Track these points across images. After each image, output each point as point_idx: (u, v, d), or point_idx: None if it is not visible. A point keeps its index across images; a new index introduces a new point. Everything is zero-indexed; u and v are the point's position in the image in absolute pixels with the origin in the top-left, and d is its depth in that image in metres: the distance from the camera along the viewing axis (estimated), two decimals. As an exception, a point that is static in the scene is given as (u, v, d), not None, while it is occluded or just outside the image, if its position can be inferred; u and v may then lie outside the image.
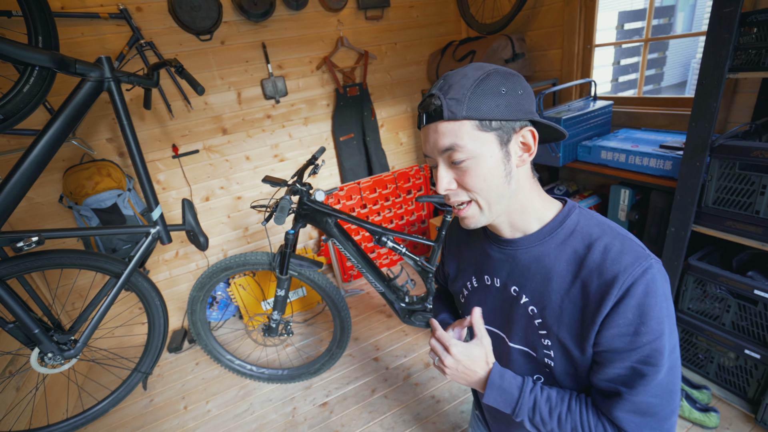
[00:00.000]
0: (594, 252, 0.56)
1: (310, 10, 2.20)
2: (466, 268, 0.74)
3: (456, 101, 0.54)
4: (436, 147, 0.57)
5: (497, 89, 0.55)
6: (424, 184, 2.74)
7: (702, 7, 16.62)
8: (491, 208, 0.59)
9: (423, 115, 0.58)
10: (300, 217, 1.61)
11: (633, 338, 0.53)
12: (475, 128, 0.54)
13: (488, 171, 0.56)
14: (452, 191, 0.59)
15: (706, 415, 1.40)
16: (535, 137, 0.58)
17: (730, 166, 1.23)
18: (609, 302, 0.53)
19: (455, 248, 0.79)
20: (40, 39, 1.26)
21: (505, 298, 0.66)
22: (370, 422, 1.64)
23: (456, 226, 0.81)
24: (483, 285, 0.70)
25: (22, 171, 1.12)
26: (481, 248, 0.71)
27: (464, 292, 0.75)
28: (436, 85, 0.57)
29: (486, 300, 0.70)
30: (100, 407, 1.63)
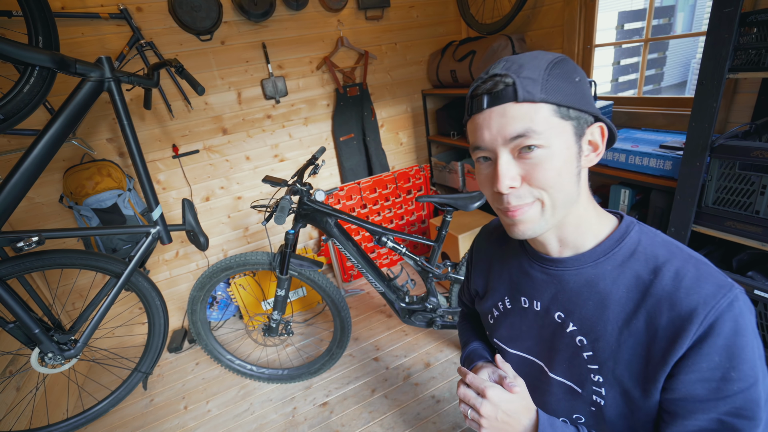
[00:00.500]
0: (663, 278, 0.48)
1: (310, 10, 2.20)
2: (498, 286, 0.66)
3: (532, 81, 0.46)
4: (501, 134, 0.48)
5: (572, 76, 0.49)
6: (424, 184, 2.74)
7: (702, 7, 16.66)
8: (555, 212, 0.50)
9: (485, 98, 0.48)
10: (300, 217, 1.61)
11: (720, 385, 0.44)
12: (553, 113, 0.47)
13: (562, 165, 0.48)
14: (515, 190, 0.49)
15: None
16: (604, 135, 0.52)
17: (730, 166, 1.23)
18: (686, 341, 0.45)
19: (485, 262, 0.70)
20: (41, 39, 1.26)
21: (546, 324, 0.58)
22: (370, 422, 1.64)
23: (486, 237, 0.72)
24: (518, 307, 0.62)
25: (23, 171, 1.12)
26: (518, 265, 0.62)
27: (494, 313, 0.67)
28: (498, 66, 0.50)
29: (521, 324, 0.62)
30: (100, 407, 1.63)
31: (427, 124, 2.75)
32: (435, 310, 1.72)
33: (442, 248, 1.95)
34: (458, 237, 2.12)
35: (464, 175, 2.48)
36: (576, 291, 0.54)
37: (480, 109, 0.49)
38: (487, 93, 0.49)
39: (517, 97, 0.46)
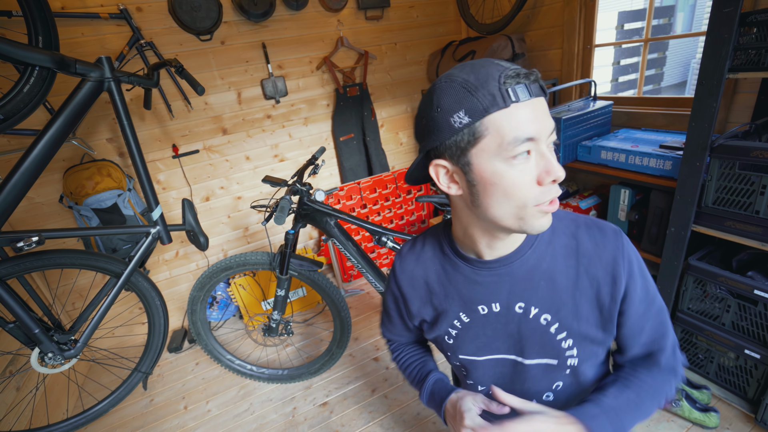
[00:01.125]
0: (582, 240, 0.59)
1: (310, 10, 2.20)
2: (448, 306, 0.65)
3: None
4: (546, 125, 0.48)
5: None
6: (424, 184, 2.74)
7: (702, 7, 16.66)
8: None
9: (531, 86, 0.47)
10: (300, 217, 1.61)
11: (646, 295, 0.59)
12: None
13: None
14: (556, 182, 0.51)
15: (706, 415, 1.40)
16: None
17: (730, 166, 1.23)
18: (622, 280, 0.57)
19: (421, 288, 0.68)
20: (40, 39, 1.26)
21: (509, 319, 0.62)
22: (370, 422, 1.64)
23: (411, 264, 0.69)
24: (477, 316, 0.64)
25: (23, 171, 1.12)
26: (461, 279, 0.63)
27: (451, 333, 0.67)
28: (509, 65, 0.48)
29: (484, 331, 0.64)
30: (100, 407, 1.63)
31: (427, 124, 2.75)
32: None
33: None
34: (458, 237, 2.12)
35: (464, 175, 2.48)
36: (527, 278, 0.60)
37: (526, 97, 0.47)
38: (531, 81, 0.48)
39: (545, 94, 0.50)
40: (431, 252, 0.68)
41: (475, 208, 0.54)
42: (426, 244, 0.70)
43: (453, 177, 0.54)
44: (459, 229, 0.62)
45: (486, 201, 0.52)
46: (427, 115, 0.52)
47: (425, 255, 0.69)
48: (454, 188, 0.55)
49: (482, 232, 0.58)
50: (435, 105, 0.50)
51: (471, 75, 0.48)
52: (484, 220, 0.55)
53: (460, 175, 0.53)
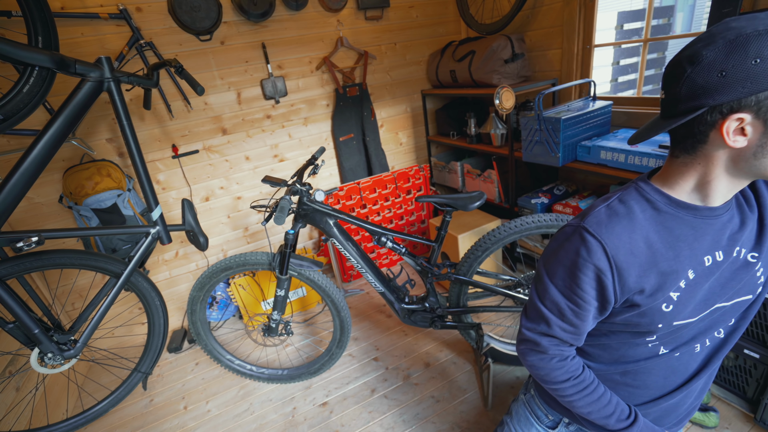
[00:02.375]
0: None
1: (309, 10, 2.20)
2: (679, 266, 0.62)
3: None
4: None
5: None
6: (424, 184, 2.74)
7: (701, 7, 16.62)
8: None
9: None
10: (300, 217, 1.61)
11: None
12: None
13: None
14: None
15: (706, 414, 1.40)
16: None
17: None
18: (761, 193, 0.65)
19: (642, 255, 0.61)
20: (40, 39, 1.26)
21: (727, 266, 0.64)
22: (370, 422, 1.64)
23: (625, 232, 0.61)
24: (702, 269, 0.63)
25: (22, 171, 1.12)
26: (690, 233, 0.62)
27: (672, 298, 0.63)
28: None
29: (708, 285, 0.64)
30: (100, 407, 1.63)
31: (426, 124, 2.75)
32: (435, 310, 1.72)
33: (441, 248, 1.95)
34: (458, 237, 2.12)
35: (464, 175, 2.48)
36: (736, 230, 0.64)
37: None
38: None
39: None
40: (642, 213, 0.62)
41: (755, 159, 0.55)
42: (630, 205, 0.63)
43: (743, 130, 0.53)
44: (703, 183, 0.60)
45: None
46: (731, 66, 0.50)
47: (638, 217, 0.62)
48: (741, 140, 0.54)
49: (733, 180, 0.60)
50: (752, 55, 0.49)
51: None
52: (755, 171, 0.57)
53: (756, 127, 0.52)
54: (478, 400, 1.66)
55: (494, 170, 2.16)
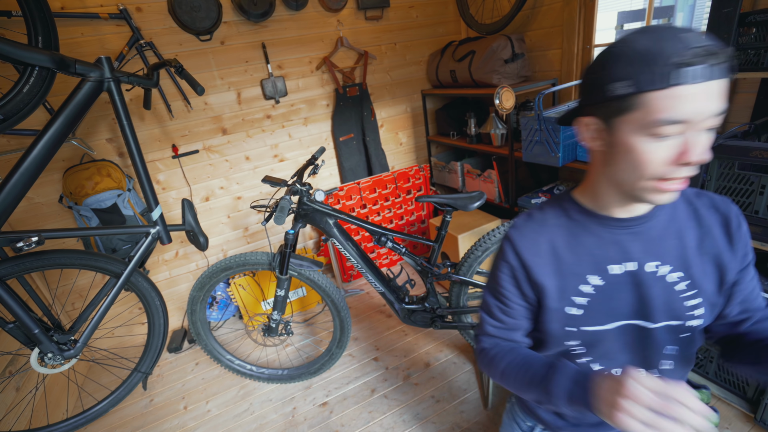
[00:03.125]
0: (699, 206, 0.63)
1: (309, 10, 2.20)
2: (579, 271, 0.64)
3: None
4: (714, 109, 0.47)
5: None
6: (424, 184, 2.74)
7: (701, 7, 16.59)
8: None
9: (713, 68, 0.46)
10: (300, 217, 1.61)
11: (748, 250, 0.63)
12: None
13: None
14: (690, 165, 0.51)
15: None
16: None
17: (729, 166, 1.23)
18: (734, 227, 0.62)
19: (547, 256, 0.65)
20: (40, 39, 1.26)
21: (641, 279, 0.62)
22: (370, 422, 1.64)
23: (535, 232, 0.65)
24: (609, 277, 0.63)
25: (22, 171, 1.12)
26: (593, 240, 0.63)
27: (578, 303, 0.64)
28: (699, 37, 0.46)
29: (617, 294, 0.63)
30: (100, 407, 1.63)
31: (426, 124, 2.75)
32: (435, 310, 1.72)
33: (441, 248, 1.95)
34: (458, 237, 2.12)
35: (464, 175, 2.48)
36: (661, 236, 0.62)
37: (702, 79, 0.45)
38: (718, 62, 0.45)
39: (730, 74, 0.47)
40: (555, 219, 0.66)
41: (607, 167, 0.58)
42: (546, 212, 0.68)
43: (599, 134, 0.57)
44: (593, 188, 0.64)
45: (616, 165, 0.56)
46: (593, 72, 0.54)
47: (548, 222, 0.66)
48: (597, 144, 0.58)
49: (616, 189, 0.60)
50: (602, 66, 0.53)
51: (648, 44, 0.47)
52: (613, 179, 0.58)
53: (604, 133, 0.56)
54: (478, 400, 1.66)
55: (494, 170, 2.16)
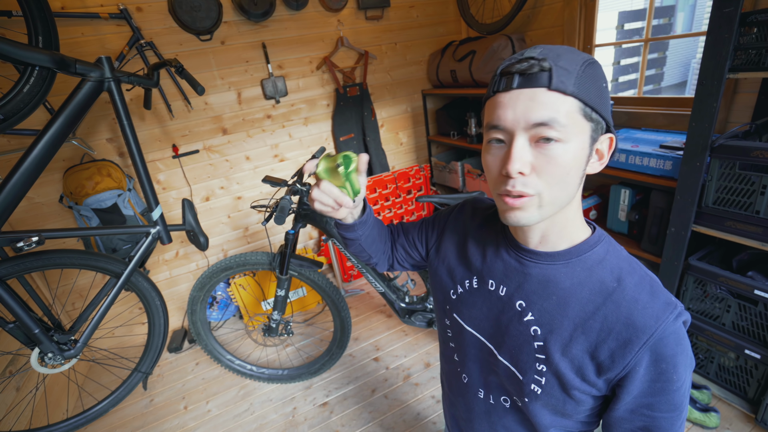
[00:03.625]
0: (625, 288, 0.52)
1: (310, 10, 2.20)
2: (470, 264, 0.66)
3: (567, 72, 0.46)
4: (525, 117, 0.47)
5: (601, 80, 0.49)
6: (424, 184, 2.74)
7: (702, 7, 16.59)
8: (550, 209, 0.52)
9: (516, 77, 0.48)
10: (300, 217, 1.61)
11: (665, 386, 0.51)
12: (578, 110, 0.47)
13: (572, 164, 0.49)
14: (523, 177, 0.49)
15: (707, 415, 1.40)
16: (612, 147, 0.53)
17: (730, 166, 1.23)
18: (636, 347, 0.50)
19: (459, 234, 0.70)
20: (40, 39, 1.26)
21: (506, 309, 0.61)
22: (370, 422, 1.64)
23: (469, 213, 0.71)
24: (484, 289, 0.64)
25: (23, 171, 1.12)
26: (494, 249, 0.63)
27: (458, 289, 0.68)
28: (534, 50, 0.49)
29: (482, 305, 0.64)
30: (100, 407, 1.63)
31: (427, 124, 2.75)
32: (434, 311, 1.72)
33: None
34: (458, 237, 2.12)
35: (464, 175, 2.48)
36: (542, 284, 0.57)
37: (508, 88, 0.48)
38: (520, 73, 0.47)
39: (551, 84, 0.46)
40: (489, 215, 0.69)
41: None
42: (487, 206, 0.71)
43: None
44: None
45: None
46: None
47: (483, 214, 0.70)
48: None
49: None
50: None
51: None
52: None
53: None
54: (478, 401, 1.66)
55: (495, 170, 2.16)
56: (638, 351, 0.50)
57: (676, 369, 0.50)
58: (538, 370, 0.57)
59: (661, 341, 0.49)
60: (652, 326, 0.49)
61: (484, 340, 0.65)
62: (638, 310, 0.51)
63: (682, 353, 0.50)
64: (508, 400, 0.65)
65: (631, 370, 0.51)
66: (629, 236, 1.71)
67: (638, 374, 0.50)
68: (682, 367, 0.50)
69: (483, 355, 0.66)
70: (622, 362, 0.51)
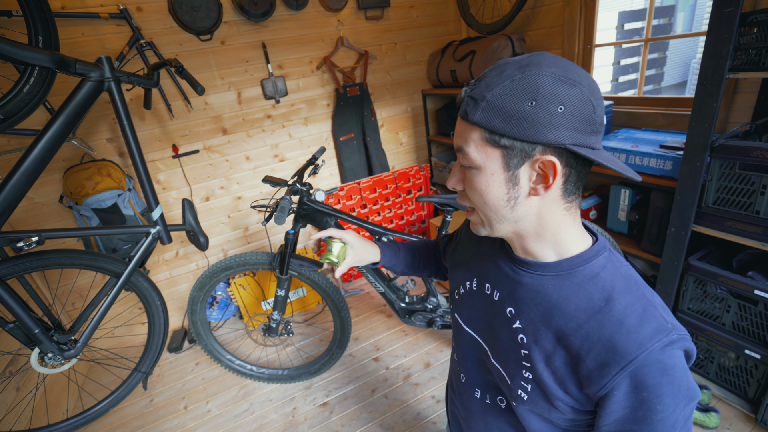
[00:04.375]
0: (613, 309, 0.50)
1: (310, 10, 2.20)
2: (472, 267, 0.70)
3: (474, 102, 0.49)
4: (457, 141, 0.53)
5: (524, 100, 0.46)
6: (424, 184, 2.74)
7: (702, 7, 16.58)
8: (492, 225, 0.55)
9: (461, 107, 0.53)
10: (300, 217, 1.61)
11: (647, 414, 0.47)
12: (481, 138, 0.49)
13: (486, 189, 0.51)
14: (458, 192, 0.57)
15: (707, 415, 1.40)
16: (556, 170, 0.48)
17: (730, 166, 1.23)
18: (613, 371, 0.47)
19: (472, 238, 0.74)
20: (40, 39, 1.26)
21: (498, 314, 0.62)
22: (370, 422, 1.64)
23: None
24: (482, 292, 0.66)
25: (23, 171, 1.12)
26: (492, 256, 0.65)
27: (460, 290, 0.71)
28: (484, 74, 0.52)
29: (480, 307, 0.66)
30: (100, 407, 1.63)
31: (427, 124, 2.75)
32: (435, 310, 1.72)
33: (442, 248, 1.95)
34: (458, 237, 2.12)
35: (464, 175, 2.48)
36: (530, 293, 0.57)
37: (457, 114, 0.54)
38: (459, 104, 0.53)
39: (462, 114, 0.51)
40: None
41: None
42: None
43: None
44: None
45: None
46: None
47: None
48: None
49: None
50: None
51: None
52: None
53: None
54: (478, 401, 1.66)
55: (495, 170, 2.16)
56: (615, 375, 0.47)
57: (659, 399, 0.46)
58: (524, 377, 0.57)
59: (642, 369, 0.46)
60: (633, 352, 0.47)
61: (481, 341, 0.66)
62: (622, 333, 0.48)
63: (670, 384, 0.46)
64: (504, 400, 0.65)
65: (609, 393, 0.48)
66: (629, 236, 1.71)
67: (617, 398, 0.48)
68: (668, 398, 0.47)
69: (480, 355, 0.67)
70: (599, 383, 0.49)
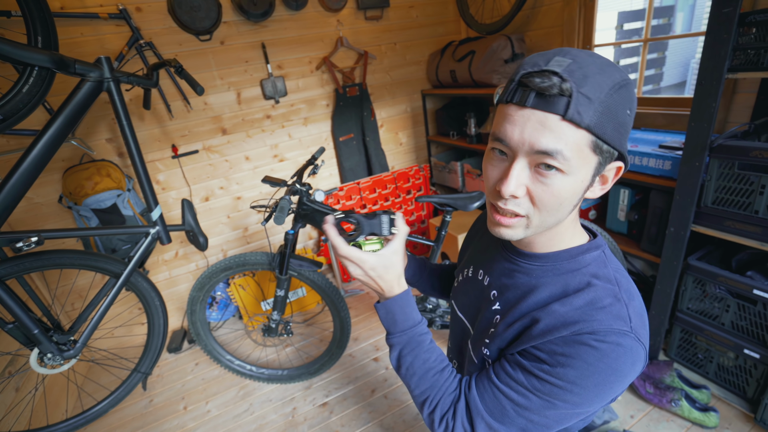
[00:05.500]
0: (580, 296, 0.50)
1: (309, 10, 2.20)
2: (471, 256, 0.73)
3: (588, 102, 0.42)
4: (530, 141, 0.44)
5: (626, 107, 0.44)
6: (424, 184, 2.74)
7: (701, 7, 16.57)
8: (537, 229, 0.51)
9: (532, 94, 0.43)
10: (300, 217, 1.61)
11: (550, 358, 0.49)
12: (588, 144, 0.44)
13: (569, 194, 0.47)
14: (516, 198, 0.48)
15: (706, 414, 1.40)
16: (618, 174, 0.50)
17: (729, 166, 1.23)
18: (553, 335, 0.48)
19: (474, 237, 0.78)
20: (40, 39, 1.26)
21: (484, 297, 0.64)
22: (370, 422, 1.64)
23: (482, 218, 0.78)
24: (475, 278, 0.69)
25: (22, 171, 1.12)
26: (491, 245, 0.68)
27: (459, 278, 0.75)
28: (562, 62, 0.43)
29: (473, 293, 0.69)
30: (100, 407, 1.63)
31: (426, 124, 2.75)
32: (434, 311, 1.72)
33: (441, 248, 1.95)
34: (458, 237, 2.12)
35: (464, 176, 2.48)
36: (515, 279, 0.59)
37: (522, 104, 0.44)
38: (537, 91, 0.43)
39: (567, 113, 0.42)
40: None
41: None
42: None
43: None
44: None
45: None
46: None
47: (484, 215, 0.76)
48: None
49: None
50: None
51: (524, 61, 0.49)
52: None
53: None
54: (478, 401, 1.66)
55: (494, 170, 2.16)
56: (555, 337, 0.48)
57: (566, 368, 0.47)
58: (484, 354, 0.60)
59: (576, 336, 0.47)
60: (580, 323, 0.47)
61: (468, 324, 0.70)
62: (578, 312, 0.49)
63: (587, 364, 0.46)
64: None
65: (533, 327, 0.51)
66: (628, 236, 1.71)
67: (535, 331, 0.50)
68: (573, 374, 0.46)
69: (461, 333, 0.72)
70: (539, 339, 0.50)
